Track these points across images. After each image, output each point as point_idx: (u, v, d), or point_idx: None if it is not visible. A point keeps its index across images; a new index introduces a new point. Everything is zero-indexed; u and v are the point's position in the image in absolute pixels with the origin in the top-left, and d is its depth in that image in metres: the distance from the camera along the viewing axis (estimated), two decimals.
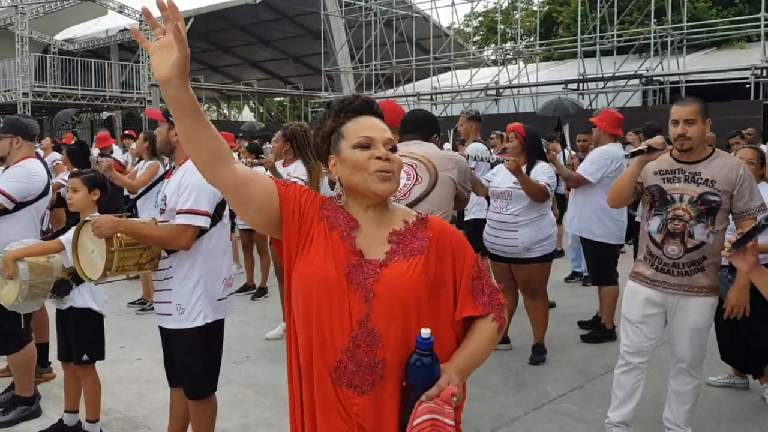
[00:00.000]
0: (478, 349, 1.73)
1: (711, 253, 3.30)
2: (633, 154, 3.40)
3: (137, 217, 3.90)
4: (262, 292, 7.22)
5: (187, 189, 2.99)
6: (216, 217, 3.09)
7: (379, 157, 1.67)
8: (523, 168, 5.02)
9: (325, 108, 1.86)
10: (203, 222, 2.98)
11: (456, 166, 3.59)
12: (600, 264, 5.66)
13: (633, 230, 6.20)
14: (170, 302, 3.07)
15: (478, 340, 1.73)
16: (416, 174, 3.49)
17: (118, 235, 2.93)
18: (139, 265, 3.04)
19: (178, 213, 2.97)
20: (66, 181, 3.85)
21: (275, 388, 4.56)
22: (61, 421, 3.86)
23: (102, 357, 3.79)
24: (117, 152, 10.79)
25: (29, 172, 4.05)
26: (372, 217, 1.73)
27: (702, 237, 3.27)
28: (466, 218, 6.53)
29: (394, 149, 1.72)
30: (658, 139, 3.35)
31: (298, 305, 1.71)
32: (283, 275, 5.72)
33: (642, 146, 3.36)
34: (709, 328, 3.44)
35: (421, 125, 3.74)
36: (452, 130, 8.08)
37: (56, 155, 9.09)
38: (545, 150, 5.56)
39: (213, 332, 3.14)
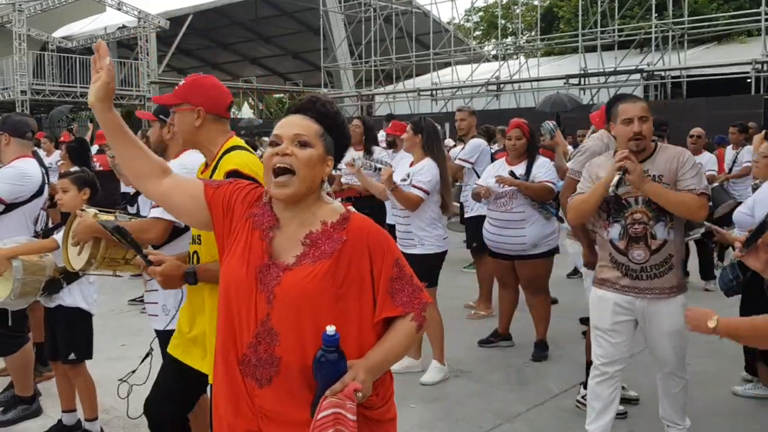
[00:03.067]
0: (393, 348, 1.77)
1: (675, 249, 3.25)
2: (618, 184, 3.12)
3: (138, 212, 3.88)
4: None
5: None
6: None
7: (278, 153, 1.72)
8: (523, 165, 5.01)
9: None
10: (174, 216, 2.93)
11: None
12: None
13: None
14: (157, 303, 3.04)
15: (393, 339, 1.77)
16: None
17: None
18: (126, 260, 3.01)
19: (153, 207, 2.92)
20: None
21: None
22: (60, 421, 3.83)
23: (90, 356, 3.74)
24: None
25: (21, 173, 3.94)
26: (293, 216, 1.78)
27: (664, 235, 3.20)
28: (467, 215, 6.50)
29: (304, 144, 1.73)
30: (630, 165, 3.09)
31: (219, 300, 1.83)
32: None
33: (617, 176, 3.10)
34: (685, 327, 3.29)
35: None
36: (448, 125, 8.06)
37: (59, 155, 9.06)
38: (552, 135, 5.55)
39: None
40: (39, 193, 4.03)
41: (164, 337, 3.07)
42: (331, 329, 1.62)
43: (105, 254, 2.93)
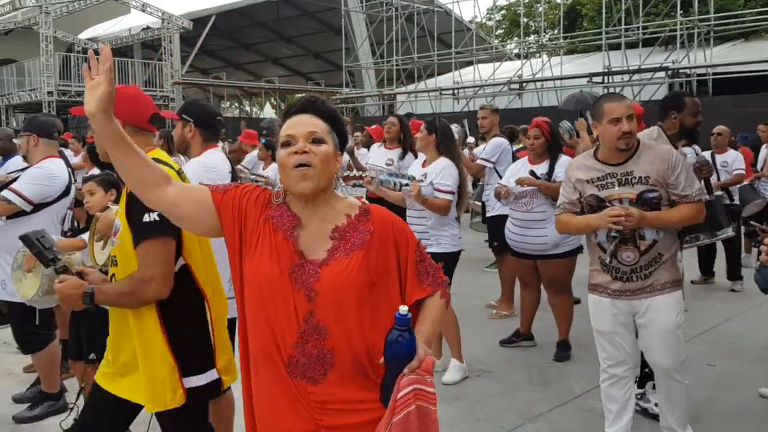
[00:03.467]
0: (435, 322, 1.87)
1: (665, 248, 3.17)
2: (614, 252, 3.15)
3: None
4: None
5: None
6: None
7: (296, 152, 1.74)
8: (546, 163, 4.98)
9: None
10: None
11: None
12: None
13: None
14: None
15: (432, 316, 1.86)
16: None
17: None
18: None
19: None
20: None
21: None
22: None
23: None
24: None
25: (48, 173, 4.00)
26: (313, 213, 1.80)
27: (653, 236, 3.12)
28: (489, 214, 6.48)
29: (318, 140, 1.75)
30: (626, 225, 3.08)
31: (249, 306, 1.81)
32: None
33: (611, 246, 3.13)
34: (680, 326, 3.26)
35: None
36: (466, 120, 7.96)
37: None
38: (571, 134, 5.52)
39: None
40: (66, 193, 4.09)
41: None
42: (403, 309, 1.66)
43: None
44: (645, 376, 3.95)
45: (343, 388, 1.74)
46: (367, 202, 1.89)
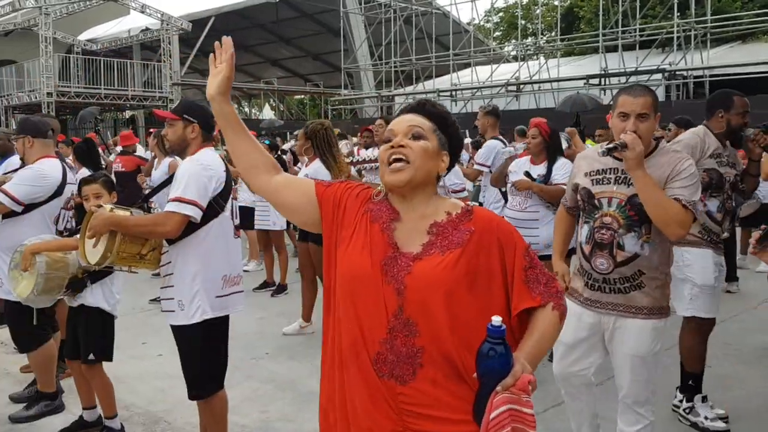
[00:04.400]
0: (544, 337, 1.73)
1: (649, 267, 2.79)
2: (609, 150, 2.74)
3: (151, 211, 3.94)
4: (281, 288, 7.25)
5: (178, 178, 3.00)
6: (213, 212, 3.05)
7: (392, 146, 1.74)
8: (544, 165, 5.00)
9: None
10: (191, 211, 2.93)
11: None
12: None
13: None
14: (173, 299, 3.07)
15: (542, 329, 1.73)
16: None
17: None
18: (141, 255, 3.06)
19: (168, 201, 2.97)
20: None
21: (294, 383, 4.57)
22: (81, 417, 3.90)
23: (110, 358, 3.74)
24: (140, 150, 10.93)
25: (38, 174, 3.98)
26: (414, 209, 1.76)
27: (634, 248, 2.77)
28: None
29: (417, 136, 1.74)
30: (631, 140, 2.72)
31: (339, 299, 1.76)
32: (306, 273, 5.74)
33: (618, 142, 2.71)
34: (655, 356, 2.87)
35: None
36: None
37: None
38: (568, 144, 5.55)
39: (212, 330, 3.09)
40: (58, 193, 4.07)
41: (176, 333, 3.11)
42: (497, 320, 1.53)
43: (120, 249, 2.98)
44: (691, 388, 3.88)
45: (434, 391, 1.66)
46: (470, 205, 1.80)
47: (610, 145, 2.70)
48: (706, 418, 3.79)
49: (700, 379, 3.92)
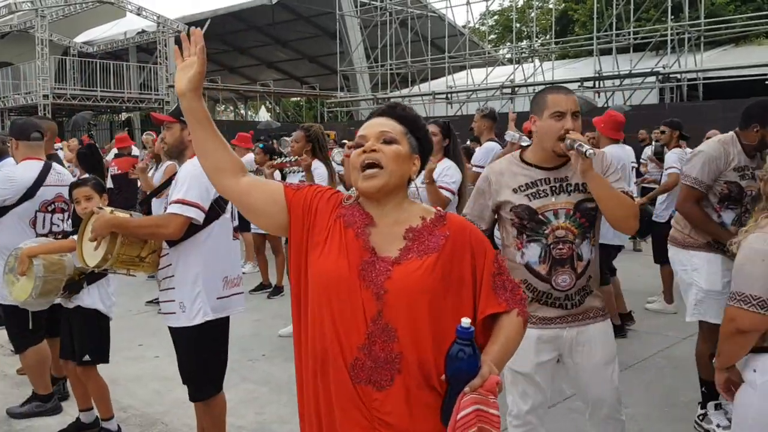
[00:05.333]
0: (509, 342, 1.74)
1: (594, 269, 2.69)
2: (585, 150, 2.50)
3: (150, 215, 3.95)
4: (278, 290, 7.28)
5: (180, 180, 3.01)
6: (214, 214, 3.08)
7: (364, 151, 1.72)
8: None
9: None
10: (193, 213, 2.95)
11: None
12: (602, 266, 5.65)
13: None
14: (174, 300, 3.08)
15: (507, 333, 1.74)
16: None
17: None
18: (140, 258, 3.08)
19: (170, 203, 2.98)
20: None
21: (290, 385, 4.57)
22: (78, 419, 3.91)
23: (105, 360, 3.74)
24: (135, 152, 10.94)
25: (5, 177, 3.97)
26: (387, 214, 1.75)
27: (588, 255, 2.64)
28: None
29: (390, 141, 1.73)
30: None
31: (312, 304, 1.73)
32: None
33: (589, 150, 2.50)
34: (615, 356, 2.78)
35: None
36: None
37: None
38: (518, 137, 5.57)
39: (213, 332, 3.11)
40: (28, 195, 4.02)
41: (177, 334, 3.12)
42: (466, 321, 1.55)
43: (120, 251, 2.99)
44: (704, 395, 3.84)
45: (408, 396, 1.64)
46: (442, 211, 1.80)
47: (590, 149, 2.50)
48: (718, 425, 3.75)
49: (713, 386, 3.93)
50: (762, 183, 2.33)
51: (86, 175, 4.12)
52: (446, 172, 4.51)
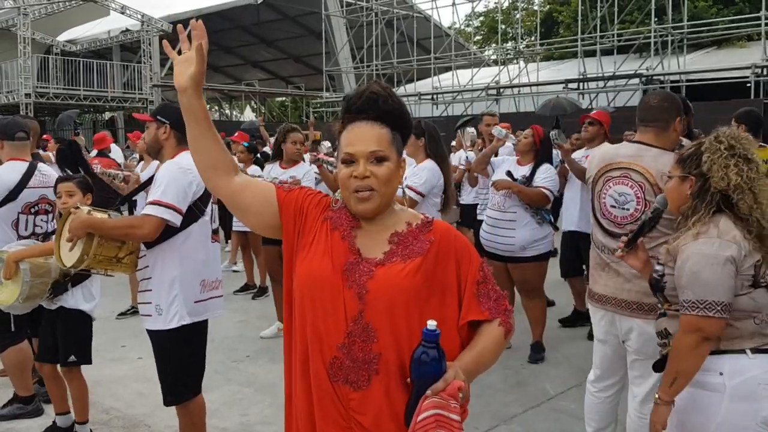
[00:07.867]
0: (485, 352, 1.72)
1: None
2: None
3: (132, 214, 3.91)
4: (262, 291, 7.25)
5: (158, 181, 2.98)
6: (193, 216, 3.04)
7: (357, 176, 1.69)
8: (529, 167, 5.05)
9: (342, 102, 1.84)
10: (169, 216, 2.91)
11: None
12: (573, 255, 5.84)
13: None
14: (150, 303, 3.05)
15: (484, 343, 1.73)
16: (644, 198, 2.98)
17: None
18: (118, 258, 3.05)
19: (146, 204, 2.95)
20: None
21: (274, 386, 4.59)
22: (54, 423, 3.84)
23: (89, 361, 3.71)
24: (116, 151, 10.84)
25: None
26: (375, 220, 1.75)
27: None
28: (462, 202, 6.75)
29: (380, 159, 1.69)
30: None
31: (297, 304, 1.75)
32: (275, 276, 5.66)
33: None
34: None
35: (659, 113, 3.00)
36: (462, 130, 8.06)
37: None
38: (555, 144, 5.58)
39: (190, 335, 3.08)
40: (10, 197, 3.96)
41: (153, 337, 3.09)
42: (432, 324, 1.55)
43: (97, 251, 2.96)
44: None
45: (386, 399, 1.65)
46: (429, 217, 1.82)
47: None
48: None
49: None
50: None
51: (75, 173, 4.07)
52: (417, 172, 4.51)
